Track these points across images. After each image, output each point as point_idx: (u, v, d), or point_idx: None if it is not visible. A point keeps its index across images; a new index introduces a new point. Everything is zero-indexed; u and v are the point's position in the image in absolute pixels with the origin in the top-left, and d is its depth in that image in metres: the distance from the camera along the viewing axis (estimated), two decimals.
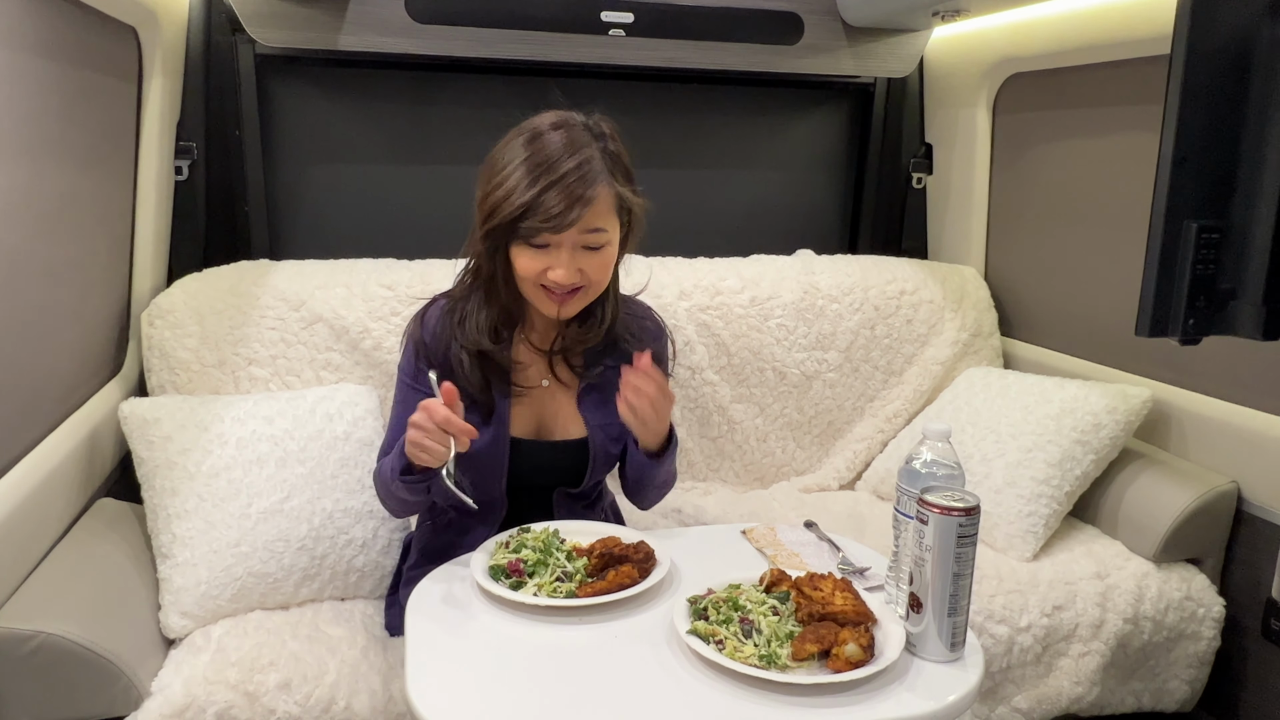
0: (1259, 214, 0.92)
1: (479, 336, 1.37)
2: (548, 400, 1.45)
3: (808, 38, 2.22)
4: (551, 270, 1.29)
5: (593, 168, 1.27)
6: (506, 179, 1.27)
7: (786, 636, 1.06)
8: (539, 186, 1.25)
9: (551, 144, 1.28)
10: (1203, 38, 0.91)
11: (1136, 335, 0.96)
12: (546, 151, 1.27)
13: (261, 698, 1.29)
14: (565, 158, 1.26)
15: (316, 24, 1.95)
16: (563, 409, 1.45)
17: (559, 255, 1.29)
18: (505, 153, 1.31)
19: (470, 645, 1.10)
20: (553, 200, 1.24)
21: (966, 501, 1.03)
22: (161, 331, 1.77)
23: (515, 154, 1.29)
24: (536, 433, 1.45)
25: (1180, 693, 1.73)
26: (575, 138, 1.29)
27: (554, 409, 1.45)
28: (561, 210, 1.24)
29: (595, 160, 1.28)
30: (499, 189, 1.28)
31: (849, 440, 2.18)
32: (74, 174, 1.51)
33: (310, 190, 2.22)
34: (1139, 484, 1.80)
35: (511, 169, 1.28)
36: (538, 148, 1.28)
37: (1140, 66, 1.87)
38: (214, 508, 1.48)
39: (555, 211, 1.24)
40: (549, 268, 1.29)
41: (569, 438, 1.44)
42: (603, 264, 1.33)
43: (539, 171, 1.25)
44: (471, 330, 1.38)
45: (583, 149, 1.28)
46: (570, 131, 1.30)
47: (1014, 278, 2.32)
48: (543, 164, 1.26)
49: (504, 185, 1.27)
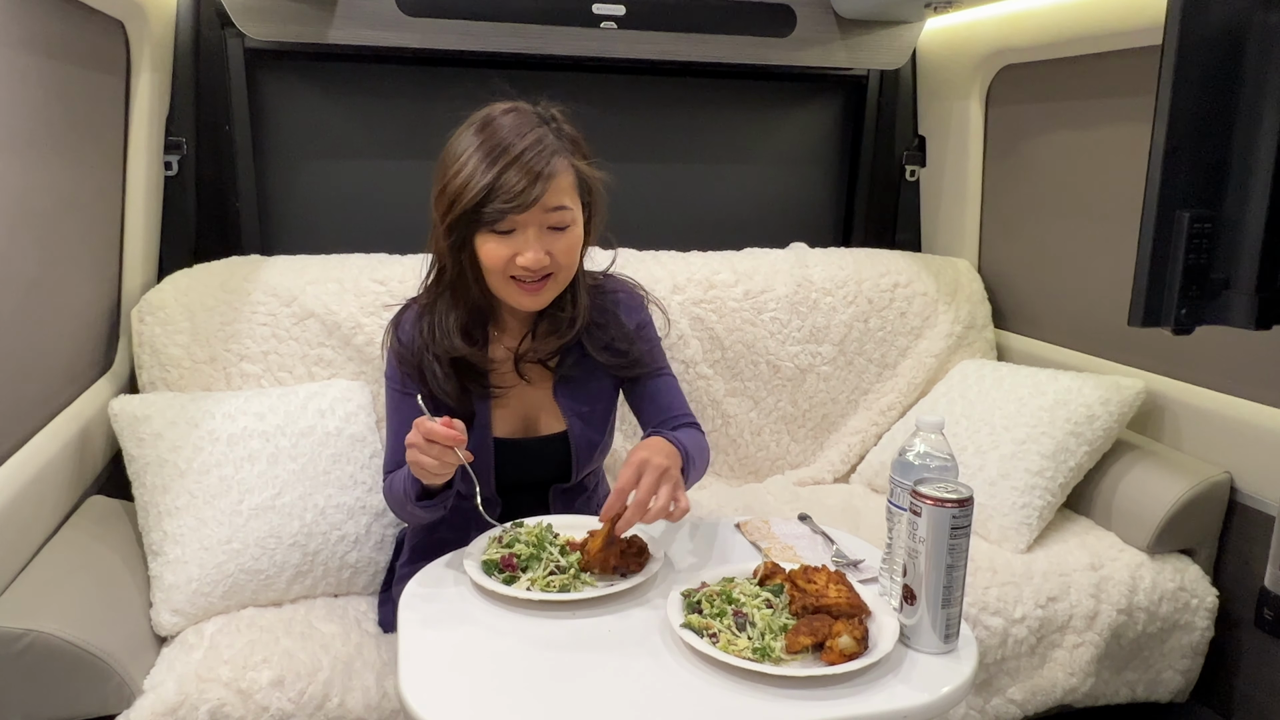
0: (1251, 203, 0.92)
1: (452, 340, 1.36)
2: (528, 397, 1.44)
3: (800, 30, 2.21)
4: (520, 255, 1.28)
5: (548, 145, 1.28)
6: (463, 167, 1.27)
7: (780, 629, 1.06)
8: (497, 167, 1.25)
9: (503, 127, 1.28)
10: (1195, 27, 0.91)
11: (1129, 325, 0.96)
12: (500, 135, 1.27)
13: (254, 695, 1.29)
14: (519, 138, 1.27)
15: (306, 18, 1.94)
16: (544, 404, 1.45)
17: (525, 238, 1.28)
18: (457, 144, 1.31)
19: (463, 641, 1.09)
20: (513, 179, 1.24)
21: (959, 493, 1.02)
22: (152, 328, 1.76)
23: (468, 143, 1.29)
24: (522, 430, 1.44)
25: (1174, 683, 1.74)
26: (525, 120, 1.30)
27: (535, 405, 1.44)
28: (524, 187, 1.24)
29: (549, 138, 1.29)
30: (456, 177, 1.28)
31: (843, 433, 2.18)
32: (62, 170, 1.50)
33: (301, 185, 2.21)
34: (1132, 475, 1.81)
35: (466, 156, 1.28)
36: (490, 132, 1.28)
37: (1133, 57, 1.86)
38: (205, 504, 1.47)
39: (518, 189, 1.24)
40: (516, 253, 1.28)
41: (551, 432, 1.44)
42: (569, 245, 1.32)
43: (495, 154, 1.26)
44: (443, 336, 1.36)
45: (535, 129, 1.29)
46: (520, 115, 1.31)
47: (1008, 270, 2.32)
48: (497, 146, 1.26)
49: (461, 173, 1.27)
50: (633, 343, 1.46)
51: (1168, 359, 1.88)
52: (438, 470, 1.19)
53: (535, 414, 1.44)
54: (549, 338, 1.41)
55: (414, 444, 1.18)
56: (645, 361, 1.48)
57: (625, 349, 1.45)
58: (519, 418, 1.44)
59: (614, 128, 2.36)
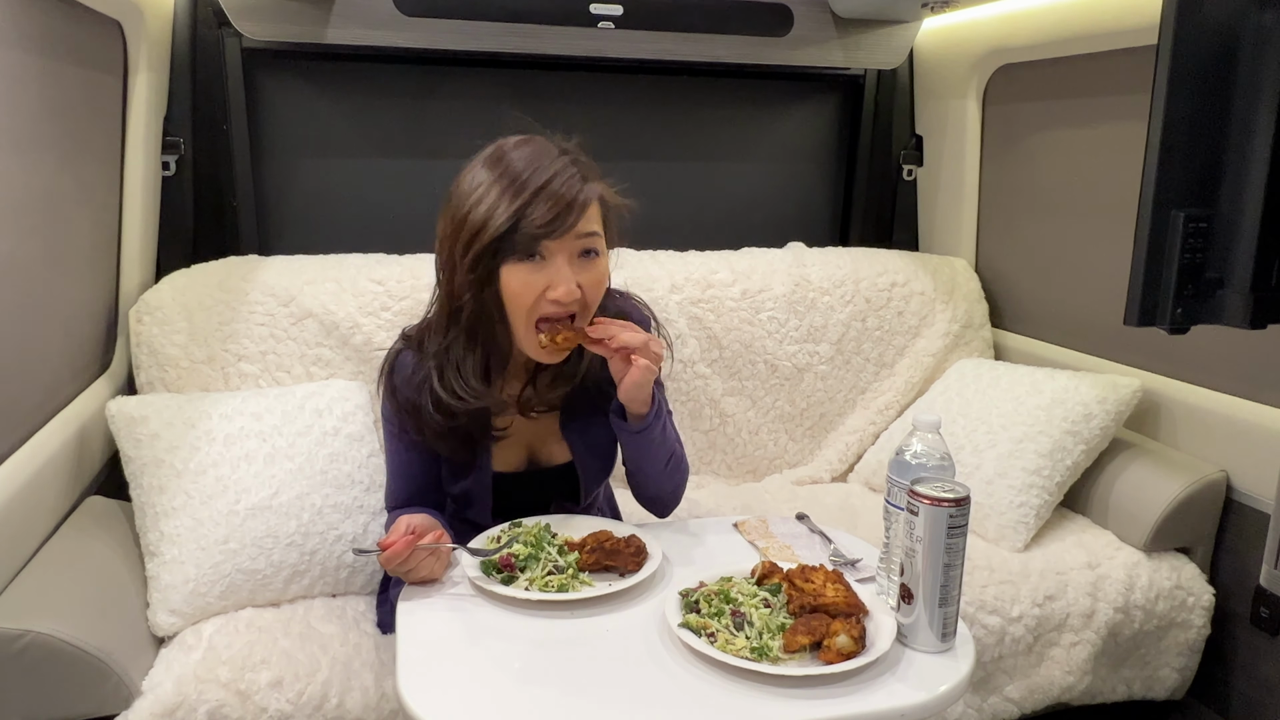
0: (1246, 203, 0.92)
1: (470, 385, 1.27)
2: (531, 429, 1.38)
3: (797, 29, 2.21)
4: (551, 289, 1.21)
5: (572, 171, 1.22)
6: (481, 199, 1.20)
7: (778, 629, 1.06)
8: (526, 194, 1.19)
9: (521, 159, 1.22)
10: (1189, 27, 0.91)
11: (1125, 324, 0.96)
12: (517, 167, 1.21)
13: (253, 696, 1.29)
14: (541, 168, 1.20)
15: (303, 17, 1.94)
16: (547, 436, 1.40)
17: (557, 268, 1.21)
18: (468, 180, 1.24)
19: (462, 641, 1.10)
20: (543, 205, 1.18)
21: (956, 492, 1.03)
22: (150, 328, 1.76)
23: (481, 177, 1.23)
24: (525, 463, 1.40)
25: (1171, 681, 1.74)
26: (543, 150, 1.24)
27: (539, 437, 1.40)
28: (558, 212, 1.18)
29: (569, 166, 1.23)
30: (476, 210, 1.20)
31: (841, 432, 2.18)
32: (59, 170, 1.50)
33: (299, 185, 2.21)
34: (1129, 474, 1.81)
35: (483, 190, 1.21)
36: (505, 166, 1.22)
37: (1129, 56, 1.87)
38: (201, 505, 1.47)
39: (551, 215, 1.18)
40: (547, 285, 1.21)
41: (556, 463, 1.41)
42: (598, 278, 1.26)
43: (519, 185, 1.19)
44: (461, 385, 1.27)
45: (556, 159, 1.23)
46: (536, 146, 1.25)
47: (1005, 269, 2.33)
48: (519, 176, 1.20)
49: (481, 205, 1.20)
50: None
51: (1164, 358, 1.88)
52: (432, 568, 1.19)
53: (539, 446, 1.40)
54: (552, 387, 1.35)
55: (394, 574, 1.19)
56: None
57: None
58: (522, 450, 1.40)
59: (611, 127, 2.36)
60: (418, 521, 1.19)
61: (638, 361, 1.24)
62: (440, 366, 1.29)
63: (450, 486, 1.38)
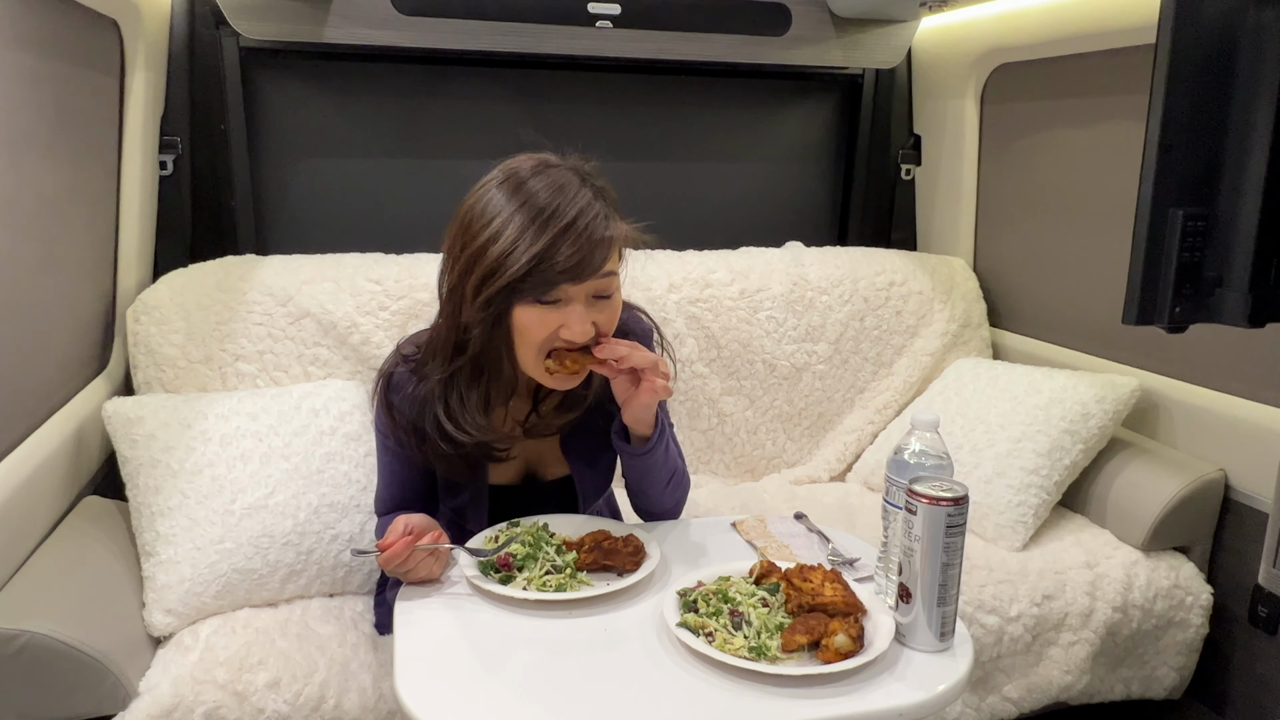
0: (1244, 201, 0.92)
1: (474, 420, 1.24)
2: (532, 445, 1.36)
3: (796, 29, 2.21)
4: (565, 329, 1.16)
5: (598, 209, 1.16)
6: (501, 232, 1.13)
7: (776, 628, 1.06)
8: (549, 234, 1.12)
9: (543, 189, 1.15)
10: (1188, 26, 0.91)
11: (1124, 323, 0.96)
12: (540, 199, 1.14)
13: (250, 697, 1.29)
14: (565, 202, 1.14)
15: (301, 16, 1.94)
16: (547, 452, 1.38)
17: (572, 310, 1.16)
18: (485, 206, 1.17)
19: (459, 641, 1.09)
20: (568, 249, 1.12)
21: (955, 491, 1.03)
22: (147, 328, 1.76)
23: (500, 205, 1.15)
24: (523, 477, 1.39)
25: (1169, 680, 1.74)
26: (564, 179, 1.17)
27: (538, 454, 1.38)
28: (582, 257, 1.12)
29: (598, 204, 1.17)
30: (495, 244, 1.13)
31: (839, 432, 2.18)
32: (56, 169, 1.49)
33: (296, 184, 2.20)
34: (1127, 473, 1.81)
35: (503, 220, 1.14)
36: (526, 194, 1.15)
37: (1127, 56, 1.87)
38: (197, 505, 1.47)
39: (575, 260, 1.12)
40: (561, 325, 1.16)
41: (554, 478, 1.39)
42: (612, 316, 1.21)
43: (542, 220, 1.13)
44: (464, 418, 1.23)
45: (578, 190, 1.16)
46: (554, 173, 1.18)
47: (1003, 268, 2.33)
48: (541, 211, 1.13)
49: (502, 238, 1.13)
50: None
51: (1162, 357, 1.88)
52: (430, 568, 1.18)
53: (537, 462, 1.39)
54: (558, 414, 1.32)
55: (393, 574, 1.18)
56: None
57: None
58: (521, 465, 1.38)
59: (610, 127, 2.36)
60: (416, 522, 1.18)
61: (648, 383, 1.21)
62: (444, 396, 1.25)
63: (446, 499, 1.37)
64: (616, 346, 1.20)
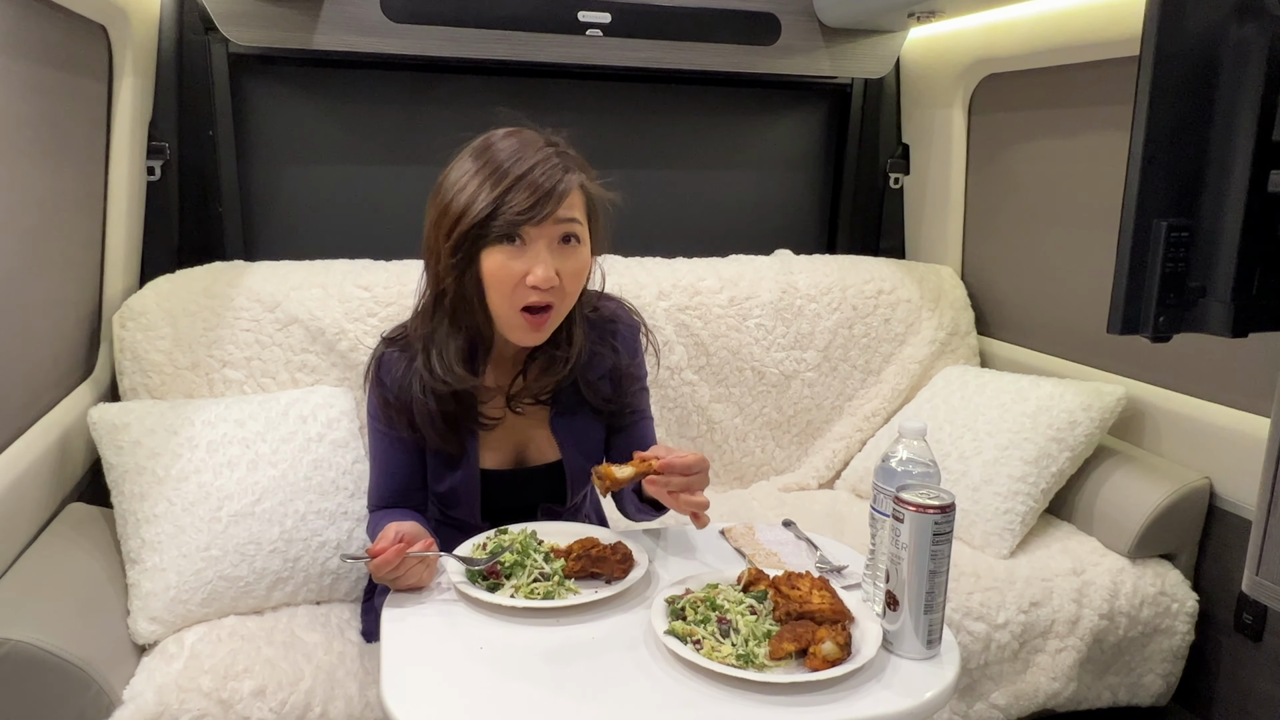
0: (1227, 212, 0.93)
1: (452, 369, 1.30)
2: (519, 427, 1.39)
3: (785, 38, 2.22)
4: (530, 274, 1.23)
5: (556, 161, 1.25)
6: (464, 189, 1.24)
7: (764, 636, 1.06)
8: (507, 181, 1.22)
9: (504, 149, 1.25)
10: (1171, 38, 0.92)
11: (1109, 332, 0.97)
12: (500, 156, 1.24)
13: (235, 705, 1.28)
14: (524, 157, 1.24)
15: (291, 23, 1.93)
16: (536, 434, 1.41)
17: (536, 251, 1.23)
18: (453, 171, 1.28)
19: (446, 648, 1.09)
20: (524, 190, 1.21)
21: (941, 499, 1.03)
22: (134, 333, 1.75)
23: (467, 167, 1.26)
24: (513, 461, 1.40)
25: (1155, 687, 1.75)
26: (529, 141, 1.27)
27: (527, 435, 1.40)
28: (538, 200, 1.21)
29: (554, 156, 1.26)
30: (458, 198, 1.24)
31: (828, 439, 2.19)
32: (43, 174, 1.49)
33: (285, 191, 2.20)
34: (1114, 481, 1.82)
35: (466, 179, 1.25)
36: (489, 156, 1.25)
37: (1113, 67, 1.89)
38: (183, 512, 1.46)
39: (532, 201, 1.21)
40: (526, 270, 1.23)
41: (545, 461, 1.41)
42: (578, 268, 1.28)
43: (500, 172, 1.23)
44: (443, 368, 1.30)
45: (540, 149, 1.26)
46: (523, 137, 1.28)
47: (990, 277, 2.34)
48: (500, 165, 1.23)
49: (464, 194, 1.24)
50: (625, 388, 1.43)
51: (1148, 365, 1.90)
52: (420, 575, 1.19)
53: (526, 445, 1.41)
54: (542, 376, 1.36)
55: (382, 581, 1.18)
56: (633, 406, 1.46)
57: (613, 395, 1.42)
58: (509, 448, 1.40)
59: (599, 134, 2.36)
60: (407, 529, 1.18)
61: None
62: (426, 349, 1.32)
63: (437, 484, 1.38)
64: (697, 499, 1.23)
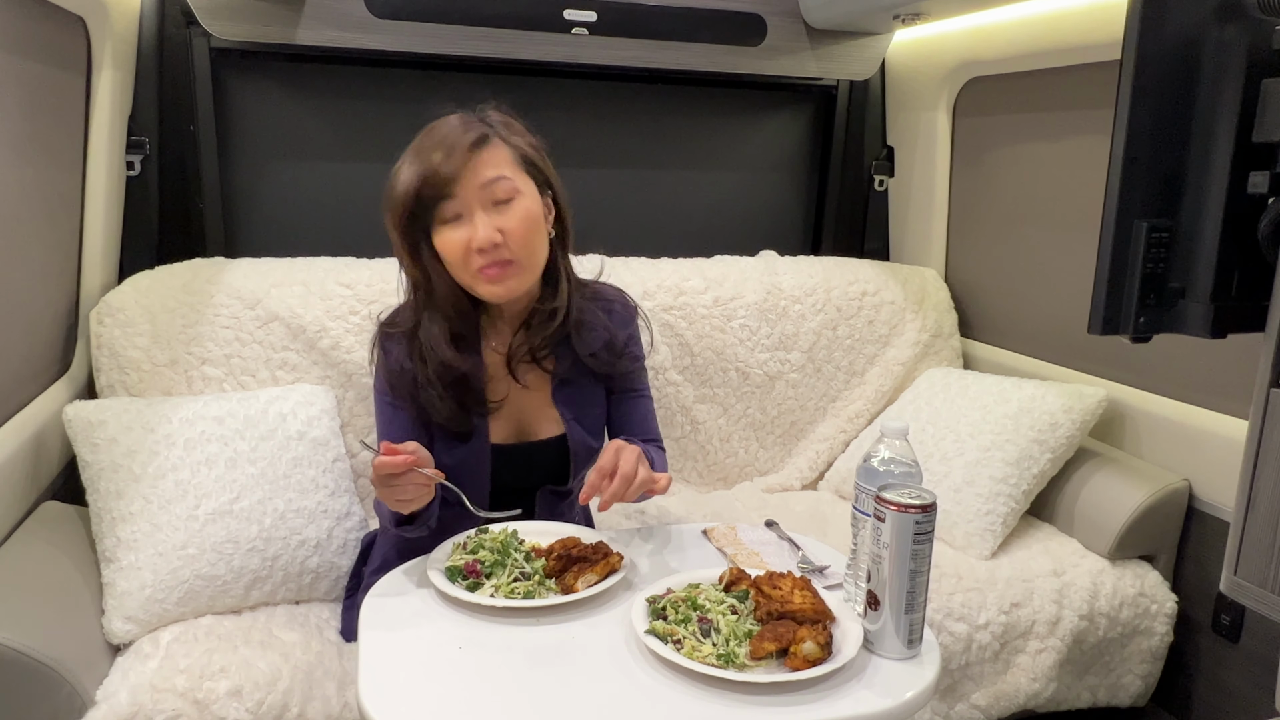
0: (1206, 214, 0.94)
1: (443, 354, 1.33)
2: (524, 402, 1.42)
3: (770, 39, 2.22)
4: (473, 239, 1.27)
5: (474, 128, 1.29)
6: (395, 177, 1.30)
7: (745, 635, 1.05)
8: (421, 156, 1.27)
9: (431, 131, 1.31)
10: (1152, 41, 0.92)
11: (1089, 333, 0.97)
12: (418, 140, 1.31)
13: (211, 705, 1.26)
14: (434, 129, 1.30)
15: (273, 18, 1.92)
16: (540, 408, 1.43)
17: (473, 219, 1.27)
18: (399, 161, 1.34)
19: (426, 648, 1.08)
20: (438, 159, 1.25)
21: (923, 499, 1.03)
22: (111, 330, 1.73)
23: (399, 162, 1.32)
24: (517, 435, 1.42)
25: (1134, 687, 1.76)
26: (455, 119, 1.32)
27: (531, 409, 1.43)
28: (454, 166, 1.25)
29: (467, 120, 1.31)
30: (393, 189, 1.30)
31: (811, 440, 2.19)
32: (20, 168, 1.46)
33: (267, 187, 2.18)
34: (1094, 482, 1.83)
35: (397, 169, 1.31)
36: (418, 139, 1.31)
37: (1095, 71, 1.90)
38: (160, 510, 1.44)
39: (447, 169, 1.25)
40: (470, 238, 1.27)
41: (549, 436, 1.43)
42: (522, 220, 1.29)
43: (415, 151, 1.29)
44: (435, 356, 1.33)
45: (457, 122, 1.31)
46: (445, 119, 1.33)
47: (973, 279, 2.35)
48: (418, 145, 1.29)
49: (396, 181, 1.30)
50: (620, 355, 1.46)
51: (1129, 368, 1.91)
52: (415, 495, 1.18)
53: (531, 419, 1.43)
54: (540, 330, 1.39)
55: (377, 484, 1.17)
56: (630, 377, 1.48)
57: (612, 359, 1.45)
58: (514, 423, 1.42)
59: (585, 133, 2.36)
60: (425, 455, 1.20)
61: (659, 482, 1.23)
62: (416, 339, 1.36)
63: (445, 457, 1.37)
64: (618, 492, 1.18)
